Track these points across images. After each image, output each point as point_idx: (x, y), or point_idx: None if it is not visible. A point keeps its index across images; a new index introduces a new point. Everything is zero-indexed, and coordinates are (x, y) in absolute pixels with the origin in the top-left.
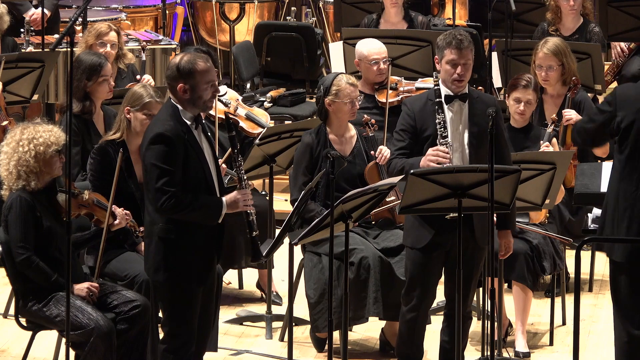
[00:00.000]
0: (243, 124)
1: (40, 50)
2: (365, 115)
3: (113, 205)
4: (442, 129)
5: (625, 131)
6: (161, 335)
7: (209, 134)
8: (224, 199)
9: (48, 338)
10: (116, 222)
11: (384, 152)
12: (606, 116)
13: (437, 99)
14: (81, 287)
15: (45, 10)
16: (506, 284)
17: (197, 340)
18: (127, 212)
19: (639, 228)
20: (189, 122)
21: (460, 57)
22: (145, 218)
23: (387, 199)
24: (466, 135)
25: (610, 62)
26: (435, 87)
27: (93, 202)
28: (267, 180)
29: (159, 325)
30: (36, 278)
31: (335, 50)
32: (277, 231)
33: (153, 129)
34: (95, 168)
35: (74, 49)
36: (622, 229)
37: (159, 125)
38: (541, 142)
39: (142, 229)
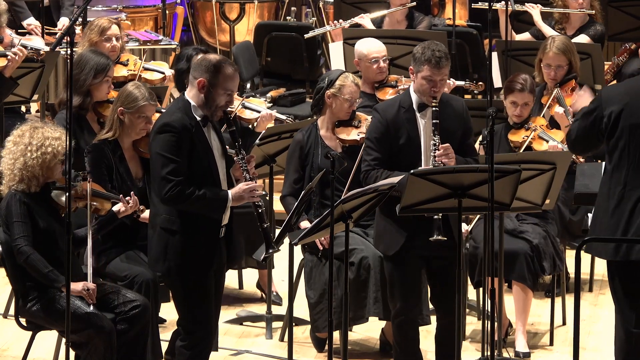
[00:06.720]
0: (240, 114)
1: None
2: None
3: (120, 195)
4: (435, 137)
5: (612, 128)
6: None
7: (221, 132)
8: (229, 192)
9: (48, 338)
10: (123, 209)
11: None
12: (593, 117)
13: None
14: (76, 286)
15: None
16: (506, 284)
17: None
18: (135, 197)
19: (626, 227)
20: (198, 118)
21: (437, 74)
22: (150, 209)
23: None
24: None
25: (611, 62)
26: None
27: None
28: (267, 180)
29: (160, 324)
30: (31, 270)
31: (335, 50)
32: (277, 231)
33: (160, 120)
34: (92, 163)
35: (75, 49)
36: (611, 228)
37: (166, 117)
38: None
39: (142, 207)
